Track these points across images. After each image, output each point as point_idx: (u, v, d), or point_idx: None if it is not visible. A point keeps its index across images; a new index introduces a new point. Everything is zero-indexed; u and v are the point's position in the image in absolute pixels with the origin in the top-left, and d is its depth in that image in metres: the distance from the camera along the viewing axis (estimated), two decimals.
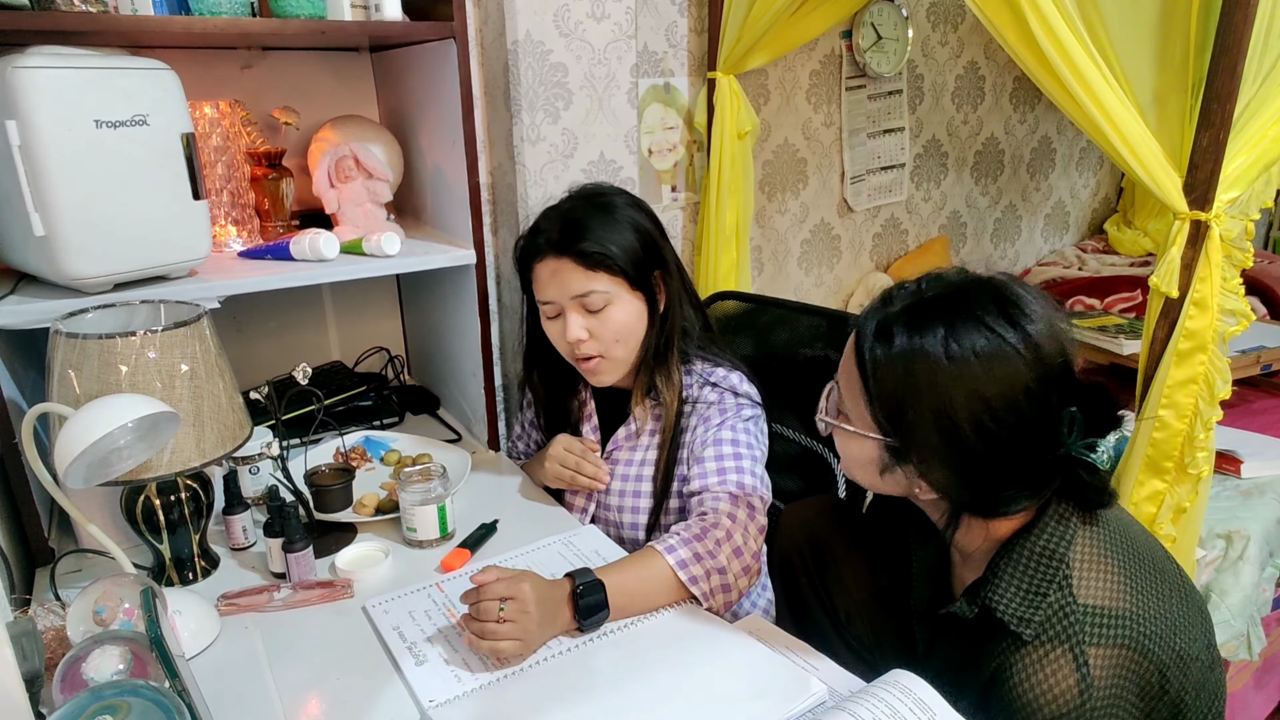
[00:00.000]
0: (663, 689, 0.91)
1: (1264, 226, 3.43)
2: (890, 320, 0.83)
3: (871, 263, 2.54)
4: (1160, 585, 0.82)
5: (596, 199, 1.22)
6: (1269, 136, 1.08)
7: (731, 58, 1.76)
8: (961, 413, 0.78)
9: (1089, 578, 0.80)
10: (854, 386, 0.85)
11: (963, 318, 0.80)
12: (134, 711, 0.67)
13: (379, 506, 1.29)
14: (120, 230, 1.13)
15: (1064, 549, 0.82)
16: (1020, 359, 0.78)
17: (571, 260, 1.16)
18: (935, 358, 0.78)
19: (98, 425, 0.87)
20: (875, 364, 0.82)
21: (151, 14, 1.15)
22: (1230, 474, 1.73)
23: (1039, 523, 0.83)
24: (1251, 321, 1.13)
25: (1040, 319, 0.80)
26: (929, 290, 0.84)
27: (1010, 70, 2.60)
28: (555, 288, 1.18)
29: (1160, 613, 0.79)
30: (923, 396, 0.79)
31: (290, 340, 1.74)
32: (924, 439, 0.80)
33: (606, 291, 1.17)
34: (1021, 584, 0.82)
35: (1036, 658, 0.79)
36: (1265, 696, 1.76)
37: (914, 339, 0.80)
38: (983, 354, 0.78)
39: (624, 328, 1.20)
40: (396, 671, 0.96)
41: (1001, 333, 0.79)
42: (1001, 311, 0.80)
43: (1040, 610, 0.80)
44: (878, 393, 0.82)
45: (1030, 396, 0.78)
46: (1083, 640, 0.77)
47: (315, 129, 1.59)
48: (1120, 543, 0.83)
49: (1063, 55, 1.12)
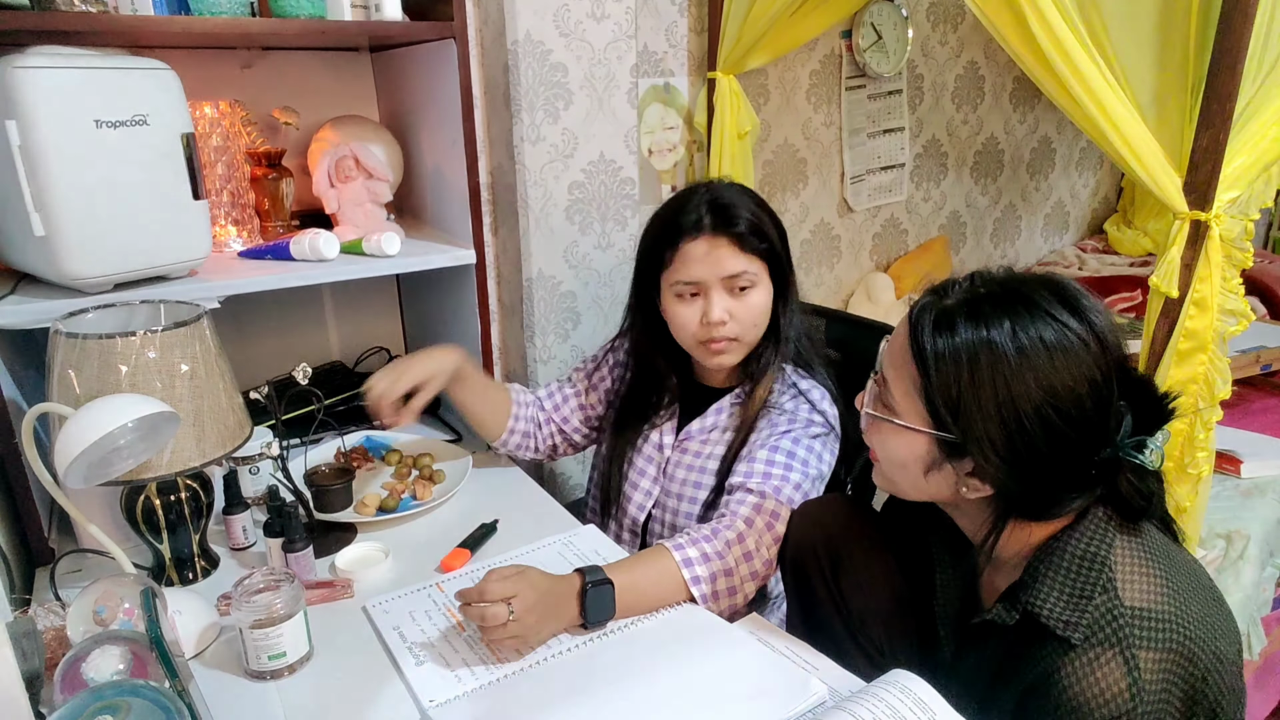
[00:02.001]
0: (663, 689, 0.91)
1: (1264, 226, 3.43)
2: (951, 311, 0.81)
3: (871, 263, 2.54)
4: (1197, 589, 0.81)
5: (736, 187, 1.25)
6: (1269, 136, 1.08)
7: (731, 58, 1.76)
8: (1027, 404, 0.77)
9: (1132, 580, 0.79)
10: (906, 379, 0.83)
11: (1028, 309, 0.79)
12: (134, 711, 0.67)
13: (379, 506, 1.29)
14: (120, 230, 1.13)
15: (1105, 552, 0.80)
16: (1086, 350, 0.78)
17: (728, 240, 1.18)
18: (1002, 348, 0.77)
19: (98, 425, 0.87)
20: (937, 355, 0.80)
21: (151, 14, 1.15)
22: (1230, 474, 1.73)
23: (1078, 526, 0.82)
24: (1251, 321, 1.13)
25: (1101, 311, 0.80)
26: (984, 286, 0.83)
27: (1010, 70, 2.60)
28: (706, 267, 1.18)
29: (1201, 616, 0.78)
30: (987, 388, 0.78)
31: (290, 340, 1.74)
32: (985, 432, 0.79)
33: (755, 273, 1.20)
34: (1065, 588, 0.80)
35: (1086, 661, 0.77)
36: (1265, 696, 1.76)
37: (979, 330, 0.79)
38: (1051, 344, 0.77)
39: (762, 312, 1.22)
40: (396, 671, 0.96)
41: (1067, 323, 0.78)
42: (1064, 303, 0.79)
43: (1087, 614, 0.78)
44: (939, 384, 0.80)
45: (1094, 389, 0.78)
46: (1133, 644, 0.76)
47: (315, 129, 1.59)
48: (1157, 547, 0.82)
49: (1063, 55, 1.12)
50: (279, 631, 0.94)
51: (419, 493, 1.33)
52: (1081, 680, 0.77)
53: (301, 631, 0.97)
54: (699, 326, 1.21)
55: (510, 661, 0.96)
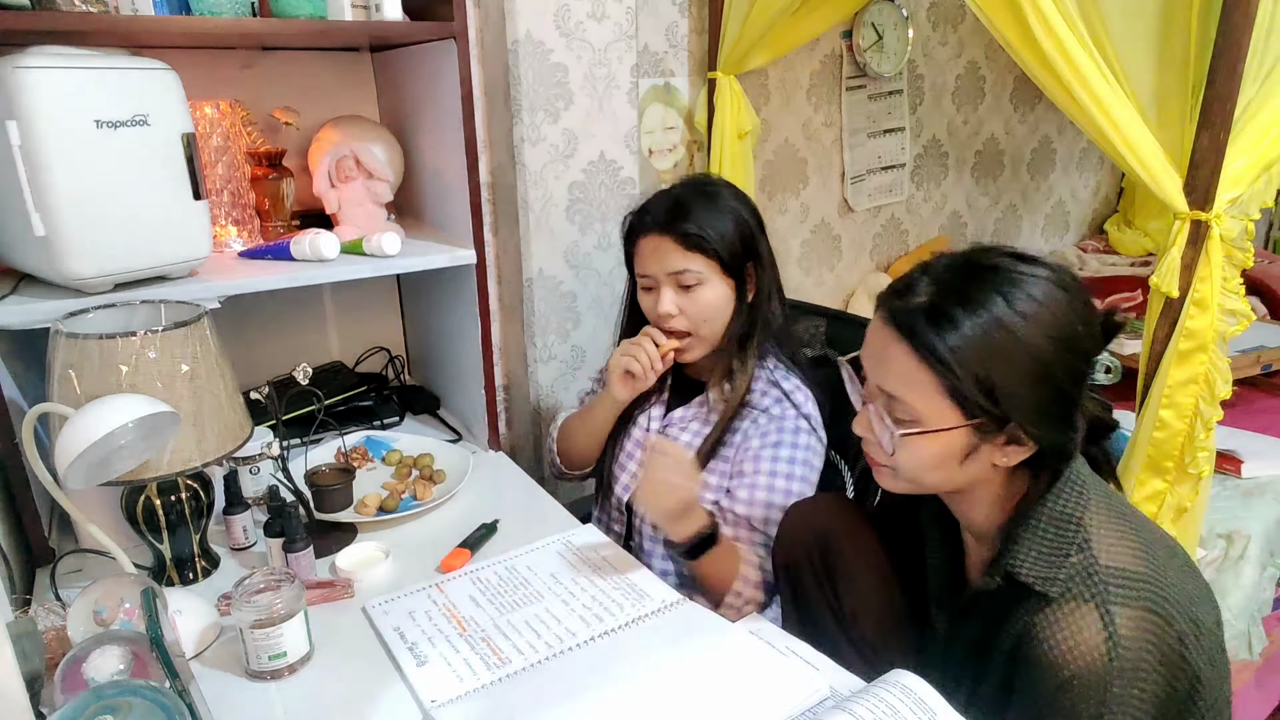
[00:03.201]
0: (664, 688, 0.91)
1: (1264, 226, 3.43)
2: (936, 304, 0.82)
3: (872, 263, 2.54)
4: (1172, 556, 0.83)
5: (704, 187, 1.30)
6: (1269, 136, 1.08)
7: (732, 58, 1.76)
8: (1050, 357, 0.80)
9: (1108, 540, 0.81)
10: (924, 386, 0.83)
11: (1005, 276, 0.82)
12: (134, 711, 0.67)
13: (379, 506, 1.29)
14: (120, 230, 1.13)
15: (1080, 512, 0.83)
16: (1063, 289, 0.82)
17: (672, 239, 1.24)
18: (1009, 320, 0.80)
19: (98, 425, 0.87)
20: (953, 351, 0.81)
21: (151, 14, 1.15)
22: (1230, 474, 1.73)
23: (1053, 489, 0.84)
24: (1252, 321, 1.13)
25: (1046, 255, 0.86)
26: (947, 271, 0.85)
27: (1010, 70, 2.60)
28: (654, 263, 1.26)
29: (1178, 582, 0.80)
30: (1014, 360, 0.80)
31: (290, 340, 1.74)
32: (1025, 400, 0.81)
33: (699, 271, 1.24)
34: (1043, 547, 0.83)
35: (1064, 614, 0.79)
36: (1266, 696, 1.76)
37: (980, 312, 0.81)
38: (1041, 298, 0.81)
39: (711, 308, 1.26)
40: (397, 671, 0.96)
41: (1037, 274, 0.82)
42: (1021, 259, 0.84)
43: (1063, 570, 0.81)
44: (965, 376, 0.81)
45: (1082, 319, 0.82)
46: (1109, 599, 0.77)
47: (315, 129, 1.59)
48: (1131, 514, 0.86)
49: (1063, 55, 1.12)
50: (279, 631, 0.94)
51: (419, 493, 1.33)
52: (1059, 632, 0.79)
53: (302, 631, 0.97)
54: (656, 317, 1.28)
55: (511, 660, 0.96)
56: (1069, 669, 0.77)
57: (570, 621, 1.04)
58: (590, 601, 1.08)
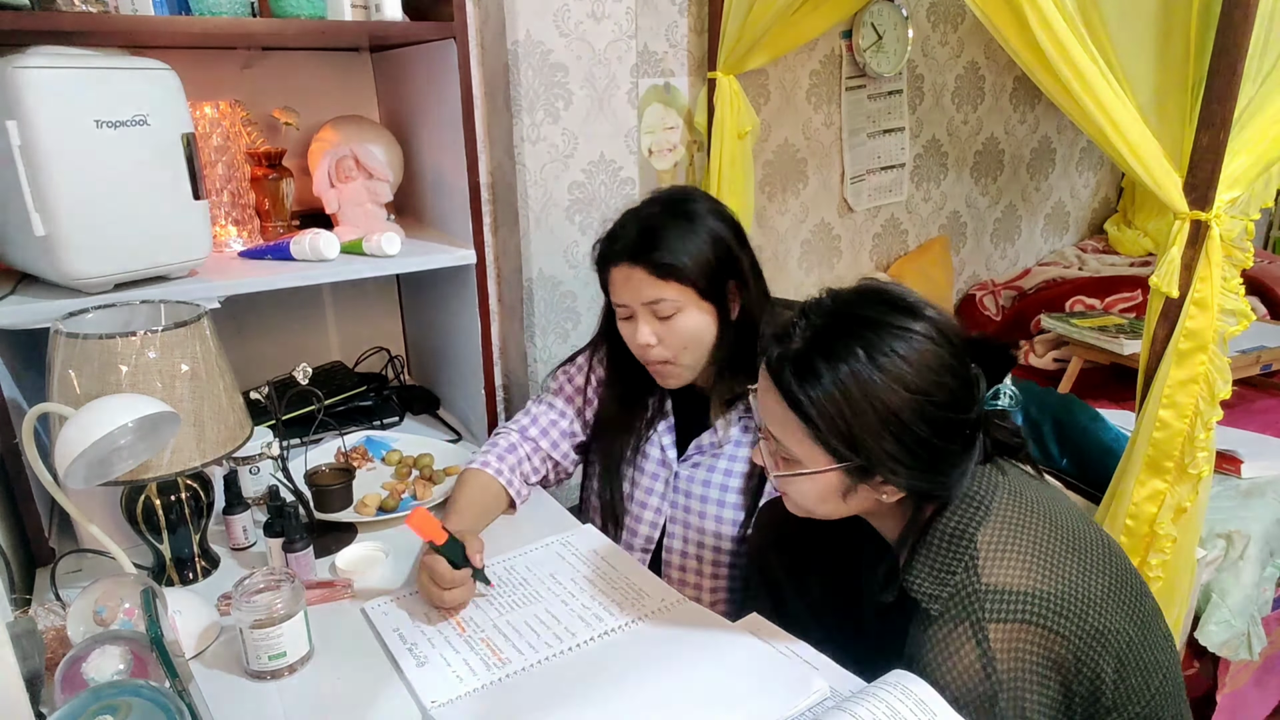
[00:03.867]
0: (664, 688, 0.91)
1: (1264, 226, 3.43)
2: (806, 357, 0.85)
3: (872, 263, 2.54)
4: (1078, 563, 0.84)
5: (677, 206, 1.21)
6: (1269, 136, 1.08)
7: (731, 58, 1.76)
8: (907, 412, 0.82)
9: (994, 559, 0.83)
10: (795, 431, 0.87)
11: (871, 328, 0.84)
12: (134, 711, 0.67)
13: (379, 506, 1.29)
14: (120, 230, 1.13)
15: (973, 530, 0.85)
16: (932, 342, 0.83)
17: (644, 269, 1.16)
18: (867, 374, 0.82)
19: (98, 425, 0.87)
20: (813, 402, 0.84)
21: (151, 14, 1.15)
22: (1230, 474, 1.73)
23: (949, 506, 0.87)
24: (1251, 321, 1.13)
25: (922, 301, 0.87)
26: (819, 317, 0.87)
27: (1010, 70, 2.60)
28: (628, 293, 1.19)
29: (1071, 590, 0.81)
30: (869, 413, 0.82)
31: (290, 340, 1.74)
32: (882, 449, 0.83)
33: (676, 300, 1.17)
34: (934, 564, 0.86)
35: (941, 636, 0.82)
36: (1265, 696, 1.76)
37: (839, 365, 0.83)
38: (905, 352, 0.82)
39: (691, 336, 1.19)
40: (397, 672, 0.96)
41: (908, 326, 0.83)
42: (895, 307, 0.85)
43: (946, 587, 0.84)
44: (826, 426, 0.84)
45: (952, 371, 0.84)
46: (983, 618, 0.80)
47: (315, 129, 1.59)
48: (1036, 524, 0.86)
49: (1063, 55, 1.12)
50: (279, 631, 0.94)
51: (419, 493, 1.33)
52: (938, 654, 0.82)
53: (301, 631, 0.97)
54: (636, 347, 1.22)
55: (511, 661, 0.96)
56: (953, 690, 0.80)
57: (570, 622, 1.04)
58: (589, 602, 1.08)
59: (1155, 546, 1.19)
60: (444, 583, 1.03)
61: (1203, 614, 1.53)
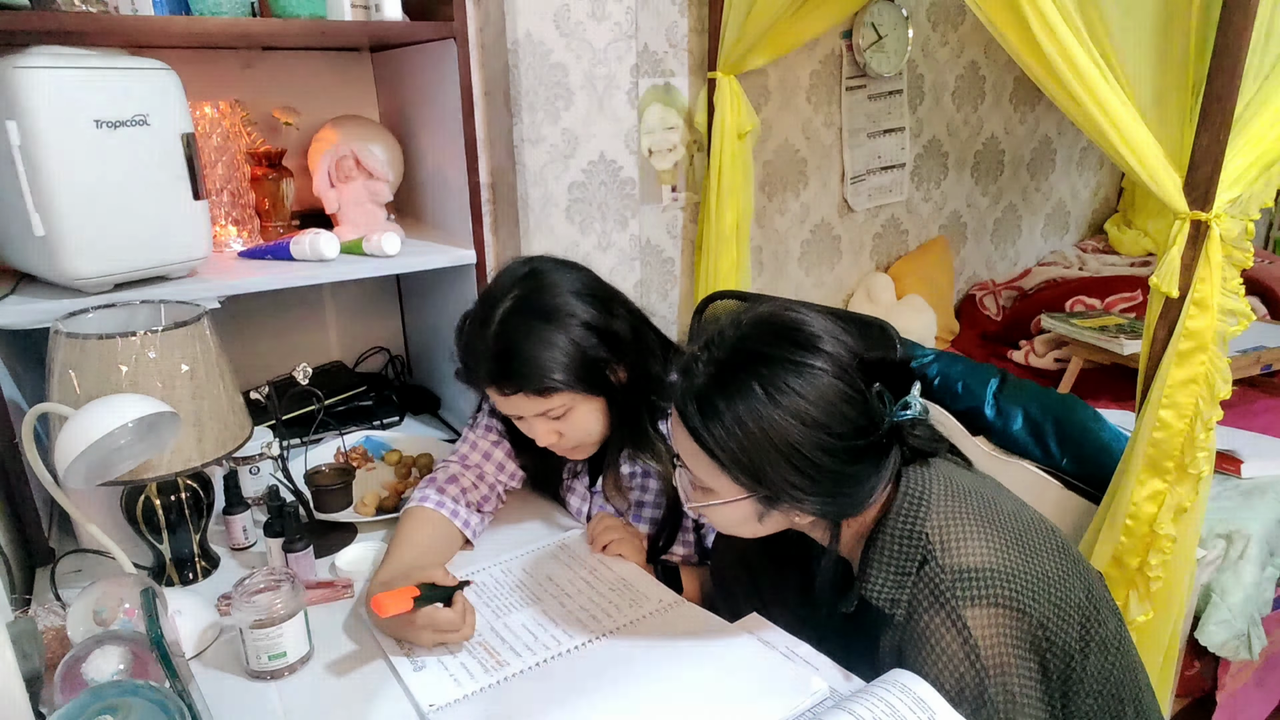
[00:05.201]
0: (663, 689, 0.91)
1: (1264, 226, 3.43)
2: (706, 392, 0.86)
3: (872, 263, 2.54)
4: (1026, 541, 0.85)
5: (527, 300, 1.08)
6: (1269, 136, 1.08)
7: (731, 58, 1.76)
8: (805, 444, 0.83)
9: (950, 543, 0.84)
10: (704, 464, 0.88)
11: (766, 364, 0.84)
12: (134, 712, 0.67)
13: (379, 506, 1.29)
14: (120, 230, 1.13)
15: (920, 525, 0.86)
16: (828, 374, 0.84)
17: (518, 394, 1.07)
18: (763, 410, 0.83)
19: (98, 425, 0.87)
20: (715, 438, 0.85)
21: (151, 14, 1.15)
22: (1230, 474, 1.73)
23: (892, 507, 0.88)
24: (1251, 321, 1.13)
25: (821, 329, 0.87)
26: (720, 352, 0.88)
27: (1010, 70, 2.60)
28: (512, 409, 1.11)
29: (1028, 567, 0.82)
30: (769, 446, 0.83)
31: (290, 340, 1.74)
32: (785, 479, 0.84)
33: (563, 404, 1.09)
34: (889, 567, 0.86)
35: (918, 631, 0.82)
36: (1265, 695, 1.76)
37: (736, 403, 0.84)
38: (799, 388, 0.83)
39: (594, 422, 1.13)
40: (395, 676, 0.96)
41: (804, 360, 0.84)
42: (793, 342, 0.86)
43: (907, 589, 0.84)
44: (729, 461, 0.85)
45: (850, 399, 0.84)
46: (957, 604, 0.80)
47: (315, 129, 1.59)
48: (978, 507, 0.87)
49: (1063, 55, 1.12)
50: (279, 631, 0.94)
51: None
52: (920, 651, 0.82)
53: (301, 631, 0.97)
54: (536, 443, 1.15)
55: (509, 664, 0.96)
56: (944, 685, 0.80)
57: (568, 624, 1.04)
58: (587, 603, 1.08)
59: (1155, 546, 1.19)
60: (455, 627, 0.98)
61: (1203, 614, 1.53)
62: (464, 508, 1.22)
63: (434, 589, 0.98)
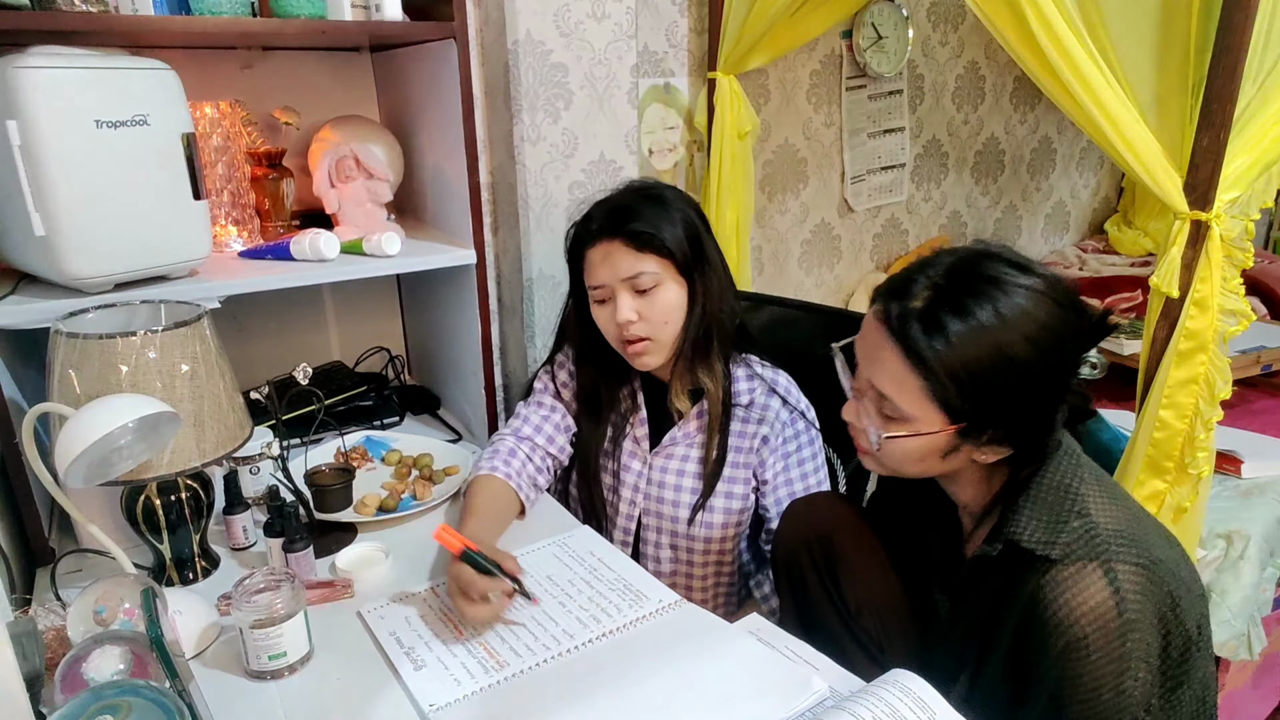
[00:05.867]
0: (663, 690, 0.91)
1: (1264, 226, 3.43)
2: (932, 311, 0.84)
3: (872, 263, 2.54)
4: (1156, 526, 0.88)
5: (646, 190, 1.26)
6: (1269, 136, 1.08)
7: (732, 58, 1.76)
8: (1034, 366, 0.82)
9: (1103, 507, 0.85)
10: (909, 390, 0.86)
11: (996, 285, 0.83)
12: (134, 711, 0.67)
13: (379, 506, 1.29)
14: (120, 230, 1.13)
15: (1075, 483, 0.86)
16: (1049, 298, 0.83)
17: (622, 242, 1.20)
18: (997, 328, 0.81)
19: (98, 425, 0.87)
20: (940, 358, 0.83)
21: (151, 14, 1.15)
22: (1230, 474, 1.73)
23: (1051, 461, 0.88)
24: (1252, 321, 1.13)
25: (1036, 260, 0.87)
26: (939, 275, 0.86)
27: (1010, 70, 2.60)
28: (607, 270, 1.21)
29: (1164, 552, 0.83)
30: (1000, 370, 0.82)
31: (290, 340, 1.74)
32: (1005, 405, 0.84)
33: (655, 273, 1.20)
34: (1043, 516, 0.86)
35: (1070, 574, 0.81)
36: (1265, 695, 1.76)
37: (969, 319, 0.82)
38: (1028, 308, 0.82)
39: (671, 309, 1.23)
40: (395, 676, 0.96)
41: (1029, 285, 0.83)
42: (1014, 265, 0.85)
43: (1064, 534, 0.84)
44: (953, 384, 0.83)
45: (1068, 325, 0.84)
46: (1111, 558, 0.81)
47: (315, 129, 1.59)
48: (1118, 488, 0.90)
49: (1063, 55, 1.12)
50: (279, 631, 0.94)
51: (419, 493, 1.33)
52: (1067, 592, 0.81)
53: (302, 631, 0.97)
54: (615, 328, 1.24)
55: (509, 664, 0.96)
56: (1080, 628, 0.79)
57: (568, 624, 1.04)
58: (587, 603, 1.08)
59: None
60: (473, 591, 0.99)
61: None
62: (525, 481, 1.29)
63: (491, 564, 1.01)
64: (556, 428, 1.36)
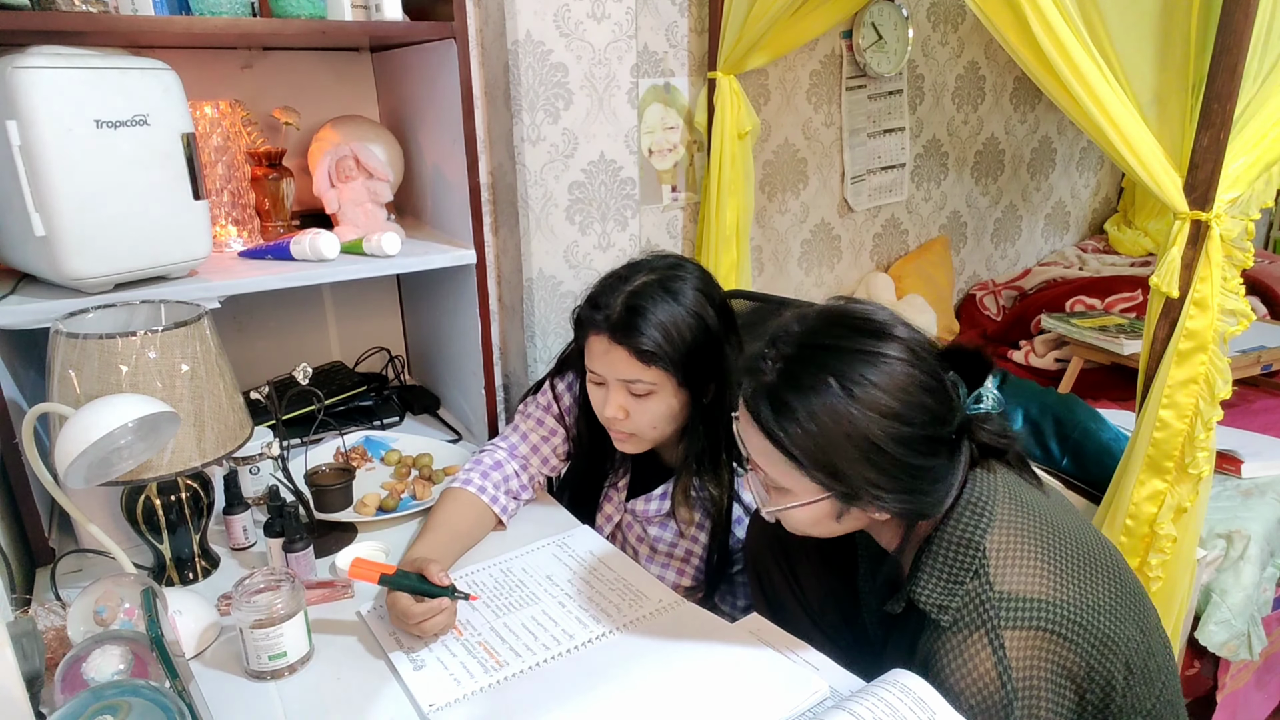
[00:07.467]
0: (663, 690, 0.91)
1: (1264, 226, 3.43)
2: (778, 390, 0.84)
3: (872, 263, 2.54)
4: (1085, 570, 0.83)
5: (666, 282, 1.15)
6: (1269, 136, 1.08)
7: (732, 58, 1.76)
8: (884, 438, 0.80)
9: (1005, 565, 0.82)
10: (779, 463, 0.86)
11: (839, 357, 0.82)
12: (134, 711, 0.67)
13: (379, 506, 1.29)
14: (120, 230, 1.13)
15: (979, 537, 0.84)
16: (904, 363, 0.82)
17: (626, 349, 1.12)
18: (840, 405, 0.80)
19: (98, 425, 0.87)
20: (789, 436, 0.83)
21: (151, 14, 1.15)
22: (1230, 474, 1.73)
23: (954, 513, 0.86)
24: (1252, 321, 1.13)
25: (891, 319, 0.85)
26: (787, 348, 0.85)
27: (1010, 70, 2.60)
28: (605, 366, 1.15)
29: (1081, 598, 0.81)
30: (845, 444, 0.81)
31: (290, 340, 1.74)
32: (864, 476, 0.82)
33: (653, 383, 1.14)
34: (941, 574, 0.84)
35: (955, 644, 0.81)
36: (1266, 696, 1.76)
37: (810, 398, 0.81)
38: (876, 379, 0.81)
39: (661, 418, 1.17)
40: (395, 676, 0.96)
41: (877, 349, 0.82)
42: (864, 332, 0.84)
43: (957, 597, 0.82)
44: (806, 458, 0.83)
45: (927, 388, 0.82)
46: (998, 625, 0.79)
47: (315, 129, 1.59)
48: (1041, 530, 0.85)
49: (1063, 55, 1.12)
50: (279, 631, 0.94)
51: (419, 493, 1.33)
52: (952, 663, 0.81)
53: (302, 631, 0.97)
54: (602, 414, 1.20)
55: (509, 663, 0.96)
56: (965, 700, 0.80)
57: (567, 623, 1.04)
58: (587, 603, 1.08)
59: (1155, 547, 1.19)
60: (411, 618, 0.99)
61: (1203, 614, 1.53)
62: (503, 494, 1.27)
63: (418, 580, 0.99)
64: (554, 451, 1.34)
